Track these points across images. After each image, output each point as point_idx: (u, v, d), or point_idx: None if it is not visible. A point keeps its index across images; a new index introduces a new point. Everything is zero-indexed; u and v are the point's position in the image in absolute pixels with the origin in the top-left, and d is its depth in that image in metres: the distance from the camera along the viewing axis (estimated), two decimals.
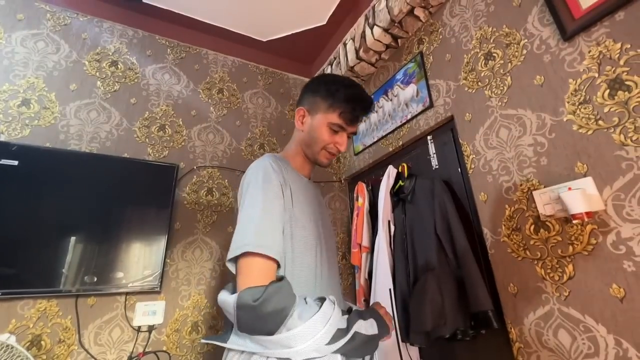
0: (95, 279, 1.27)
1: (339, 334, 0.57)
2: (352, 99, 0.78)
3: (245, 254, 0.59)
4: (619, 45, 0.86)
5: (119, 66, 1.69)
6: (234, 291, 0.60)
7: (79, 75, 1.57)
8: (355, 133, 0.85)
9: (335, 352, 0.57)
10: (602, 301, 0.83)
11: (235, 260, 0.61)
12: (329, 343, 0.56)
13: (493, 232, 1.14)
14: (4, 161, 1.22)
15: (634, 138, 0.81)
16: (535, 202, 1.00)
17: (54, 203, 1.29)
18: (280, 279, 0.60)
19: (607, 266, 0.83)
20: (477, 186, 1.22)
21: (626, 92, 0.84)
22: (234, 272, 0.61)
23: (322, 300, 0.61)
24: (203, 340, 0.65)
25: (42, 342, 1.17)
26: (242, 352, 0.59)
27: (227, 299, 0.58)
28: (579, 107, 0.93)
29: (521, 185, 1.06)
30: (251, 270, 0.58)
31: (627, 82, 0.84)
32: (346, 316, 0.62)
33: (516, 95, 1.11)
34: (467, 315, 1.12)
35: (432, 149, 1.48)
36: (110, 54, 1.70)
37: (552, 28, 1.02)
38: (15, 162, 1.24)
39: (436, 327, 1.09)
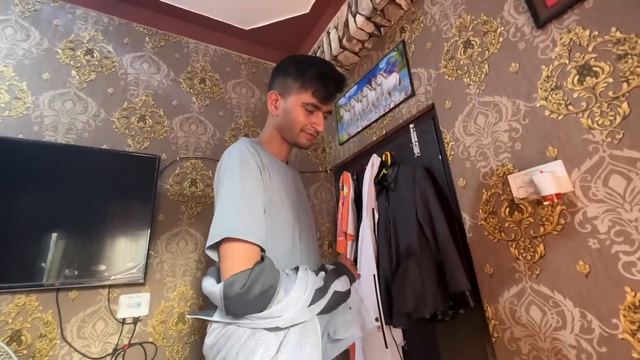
0: (76, 272, 1.25)
1: (318, 294, 0.63)
2: (323, 76, 0.77)
3: (227, 240, 0.58)
4: (587, 32, 0.89)
5: (94, 55, 1.63)
6: (218, 279, 0.60)
7: (52, 64, 1.51)
8: (330, 112, 0.83)
9: (319, 313, 0.63)
10: (569, 277, 0.88)
11: (216, 247, 0.60)
12: (311, 304, 0.61)
13: (471, 216, 1.18)
14: None
15: (600, 122, 0.85)
16: (510, 186, 1.03)
17: (31, 196, 1.25)
18: (262, 258, 0.61)
19: (574, 244, 0.87)
20: (456, 172, 1.25)
21: (593, 78, 0.87)
22: (215, 259, 0.61)
23: (296, 269, 0.66)
24: (188, 316, 0.67)
25: (23, 337, 1.15)
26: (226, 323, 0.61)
27: (213, 289, 0.58)
28: (551, 93, 0.96)
29: (497, 170, 1.09)
30: (234, 257, 0.58)
31: (594, 68, 0.87)
32: (322, 274, 0.69)
33: (493, 83, 1.14)
34: (447, 297, 1.16)
35: (414, 137, 1.50)
36: (85, 42, 1.63)
37: (527, 16, 1.04)
38: None
39: (417, 308, 1.13)
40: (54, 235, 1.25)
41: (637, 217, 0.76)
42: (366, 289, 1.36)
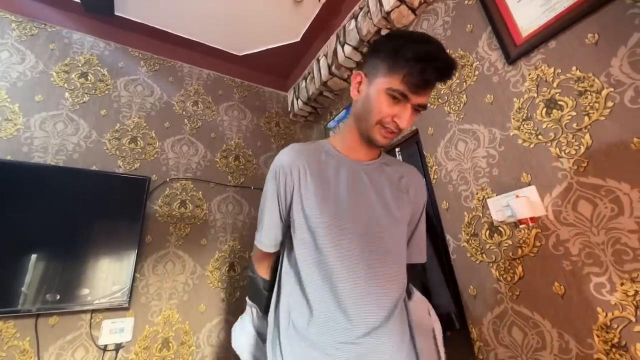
0: (58, 297, 1.22)
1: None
2: (421, 57, 0.59)
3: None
4: (552, 69, 0.98)
5: (89, 77, 1.67)
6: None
7: (46, 87, 1.54)
8: (424, 107, 0.65)
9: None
10: (546, 298, 0.92)
11: None
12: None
13: (454, 237, 1.22)
14: None
15: (566, 151, 0.92)
16: (489, 209, 1.09)
17: (14, 218, 1.23)
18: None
19: (549, 266, 0.92)
20: (439, 195, 1.31)
21: (559, 111, 0.95)
22: None
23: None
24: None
25: None
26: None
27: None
28: (523, 123, 1.04)
29: (477, 193, 1.15)
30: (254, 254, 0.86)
31: (559, 102, 0.95)
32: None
33: (471, 112, 1.22)
34: None
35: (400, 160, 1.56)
36: (80, 65, 1.67)
37: (499, 52, 1.14)
38: None
39: None
40: (34, 257, 1.22)
41: (604, 240, 0.82)
42: None
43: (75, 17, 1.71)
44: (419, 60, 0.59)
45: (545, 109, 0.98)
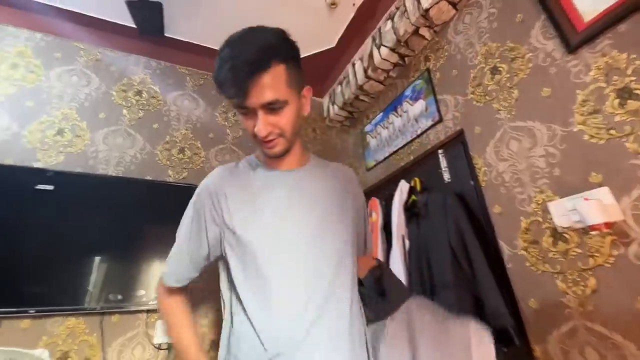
0: (120, 297, 1.33)
1: None
2: (218, 80, 0.59)
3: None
4: (624, 55, 0.87)
5: (143, 95, 1.82)
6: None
7: (107, 105, 1.70)
8: (272, 102, 0.58)
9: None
10: (629, 316, 0.80)
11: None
12: None
13: (510, 245, 1.12)
14: (41, 186, 1.32)
15: None
16: (551, 214, 0.98)
17: (83, 224, 1.37)
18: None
19: (630, 278, 0.80)
20: (490, 199, 1.21)
21: (636, 101, 0.83)
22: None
23: None
24: None
25: (69, 359, 1.22)
26: None
27: None
28: (589, 117, 0.93)
29: (535, 196, 1.05)
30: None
31: (635, 91, 0.84)
32: None
33: (524, 108, 1.12)
34: None
35: (443, 162, 1.48)
36: (136, 84, 1.83)
37: (556, 41, 1.04)
38: (51, 187, 1.34)
39: None
40: (97, 259, 1.34)
41: None
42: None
43: (131, 41, 1.89)
44: (218, 84, 0.58)
45: (617, 100, 0.87)
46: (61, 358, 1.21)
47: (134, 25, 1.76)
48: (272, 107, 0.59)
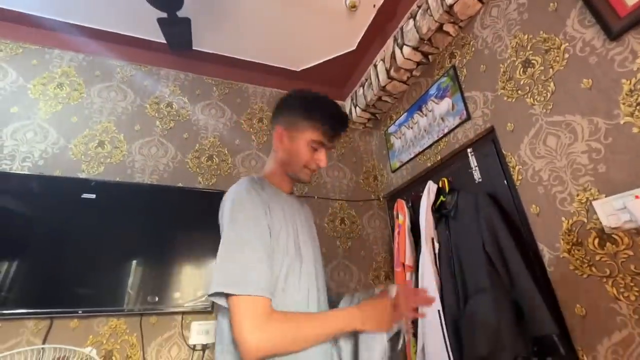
0: (157, 299, 1.39)
1: None
2: (332, 116, 0.80)
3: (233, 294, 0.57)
4: None
5: (173, 106, 1.91)
6: (229, 328, 0.60)
7: (142, 117, 1.81)
8: (334, 148, 0.87)
9: None
10: None
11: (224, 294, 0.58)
12: None
13: (550, 247, 1.05)
14: (85, 195, 1.43)
15: None
16: (596, 213, 0.91)
17: (122, 229, 1.46)
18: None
19: None
20: (527, 198, 1.15)
21: None
22: (224, 305, 0.59)
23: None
24: None
25: (113, 358, 1.30)
26: None
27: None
28: (638, 108, 0.86)
29: (578, 195, 0.98)
30: (243, 314, 0.55)
31: None
32: None
33: (562, 101, 1.05)
34: (528, 340, 1.03)
35: (473, 161, 1.43)
36: (167, 96, 1.93)
37: (596, 29, 0.97)
38: (93, 196, 1.44)
39: (493, 352, 1.01)
40: (134, 262, 1.42)
41: None
42: (430, 327, 1.26)
43: (162, 56, 1.99)
44: (330, 118, 0.79)
45: None
46: (106, 356, 1.29)
47: (164, 41, 1.86)
48: (332, 150, 0.86)
